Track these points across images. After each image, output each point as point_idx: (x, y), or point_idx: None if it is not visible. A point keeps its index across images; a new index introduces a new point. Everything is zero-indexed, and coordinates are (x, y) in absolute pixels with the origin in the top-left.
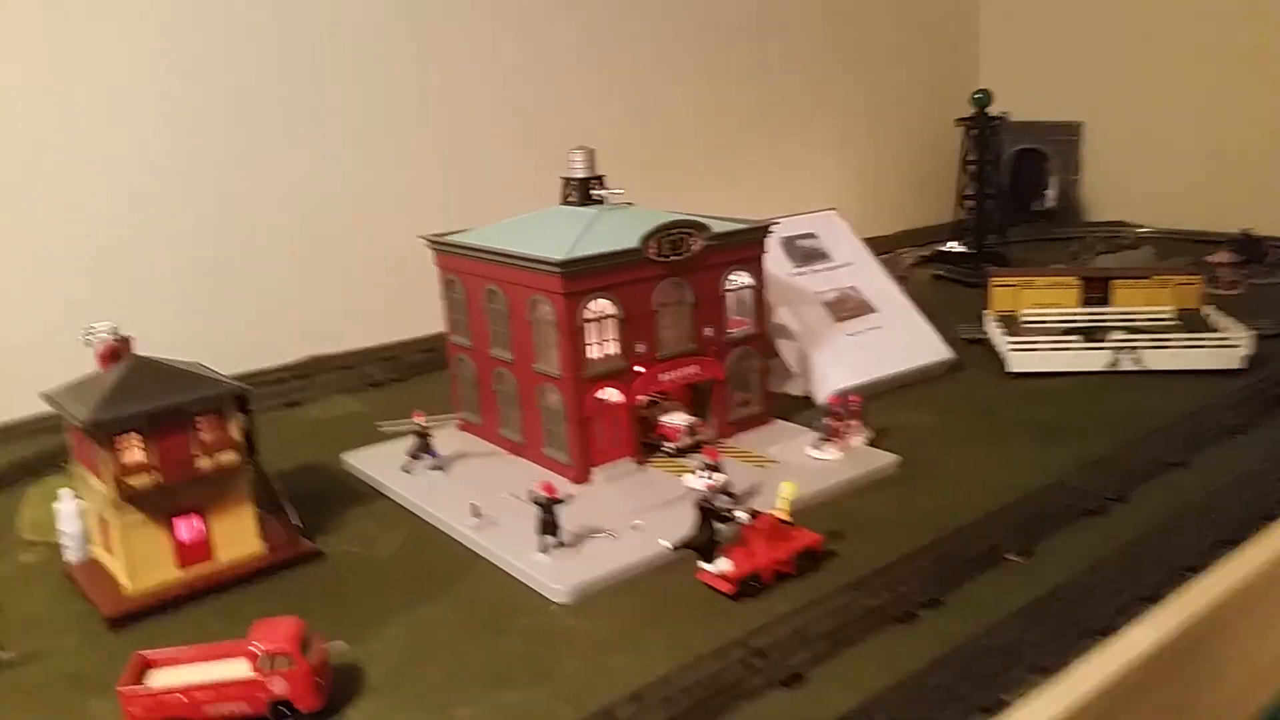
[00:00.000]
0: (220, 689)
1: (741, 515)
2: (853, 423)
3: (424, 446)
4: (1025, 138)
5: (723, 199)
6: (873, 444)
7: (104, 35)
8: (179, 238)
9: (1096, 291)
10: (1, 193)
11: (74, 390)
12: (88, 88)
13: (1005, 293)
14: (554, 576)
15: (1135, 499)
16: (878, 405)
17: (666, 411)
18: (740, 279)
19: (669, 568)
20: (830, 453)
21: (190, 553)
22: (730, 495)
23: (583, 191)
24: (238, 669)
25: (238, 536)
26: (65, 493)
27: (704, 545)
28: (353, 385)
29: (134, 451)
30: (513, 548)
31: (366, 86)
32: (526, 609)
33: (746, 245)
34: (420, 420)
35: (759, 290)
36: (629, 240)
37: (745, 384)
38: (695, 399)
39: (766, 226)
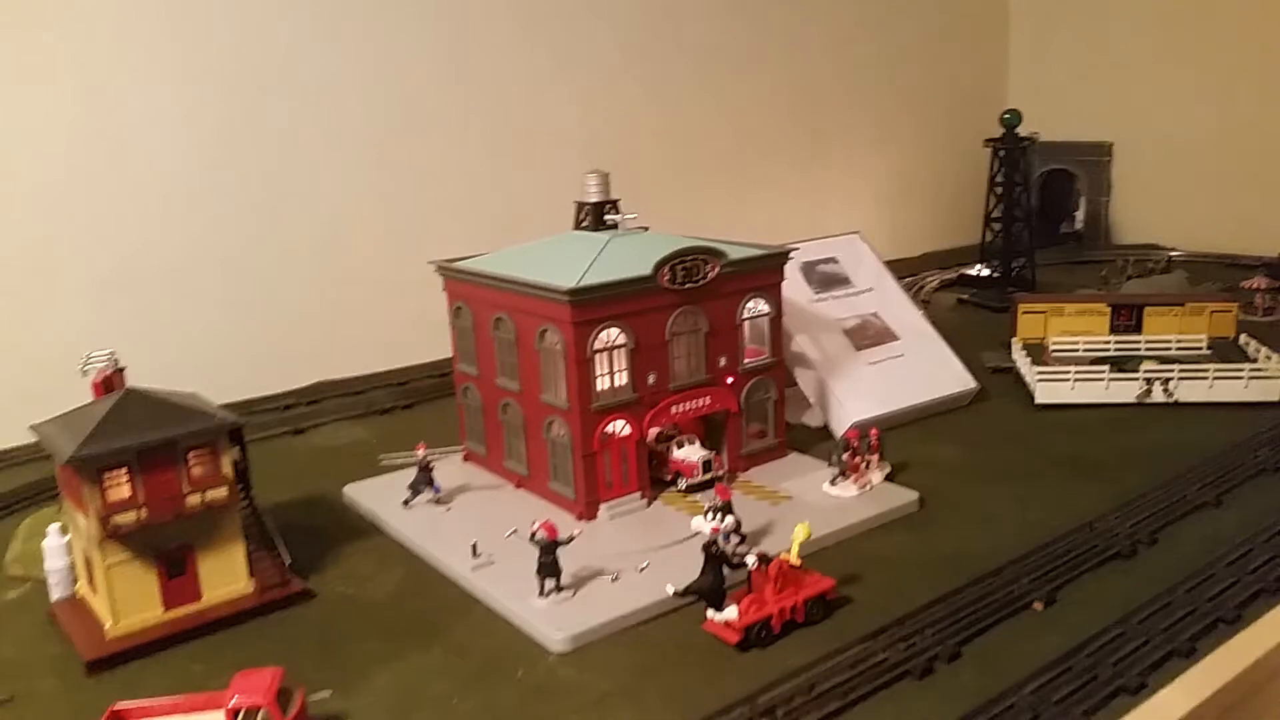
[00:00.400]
0: None
1: (750, 560)
2: (872, 458)
3: (425, 479)
4: (1054, 158)
5: (746, 223)
6: (892, 479)
7: (122, 61)
8: (188, 263)
9: (1127, 319)
10: (10, 216)
11: (63, 422)
12: (104, 113)
13: (1033, 319)
14: (552, 624)
15: (1166, 541)
16: (899, 437)
17: (681, 445)
18: (757, 306)
19: (675, 614)
20: (847, 489)
21: (176, 593)
22: (740, 536)
23: (596, 216)
24: None
25: (227, 575)
26: (53, 528)
27: (710, 592)
28: (360, 411)
29: (121, 488)
30: (512, 591)
31: (382, 111)
32: (523, 658)
33: (764, 271)
34: (421, 452)
35: (776, 318)
36: (642, 267)
37: (761, 416)
38: (709, 431)
39: (785, 252)
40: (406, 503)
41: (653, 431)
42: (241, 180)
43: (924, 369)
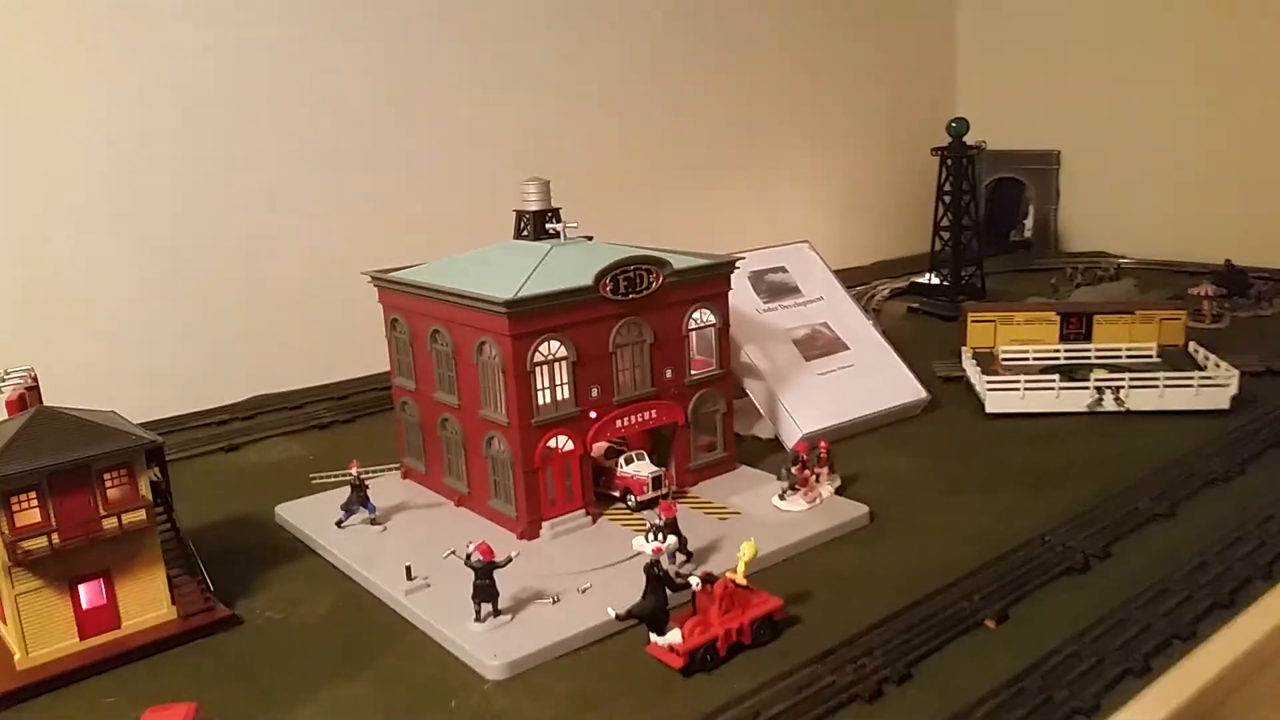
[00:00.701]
0: None
1: (694, 581)
2: (821, 470)
3: (359, 499)
4: (1002, 166)
5: (694, 231)
6: (843, 493)
7: (47, 65)
8: (115, 276)
9: (1077, 327)
10: None
11: None
12: (24, 122)
13: (982, 328)
14: (488, 650)
15: (1120, 554)
16: (850, 449)
17: (630, 461)
18: (703, 317)
19: (618, 637)
20: (797, 504)
21: (93, 621)
22: (687, 554)
23: (537, 225)
24: None
25: (147, 602)
26: None
27: (652, 615)
28: (298, 426)
29: (30, 512)
30: (447, 616)
31: (314, 116)
32: (457, 687)
33: (710, 281)
34: (355, 470)
35: (723, 329)
36: (583, 278)
37: (709, 428)
38: (656, 445)
39: (731, 261)
40: (340, 523)
41: (600, 446)
42: (171, 191)
43: (875, 379)
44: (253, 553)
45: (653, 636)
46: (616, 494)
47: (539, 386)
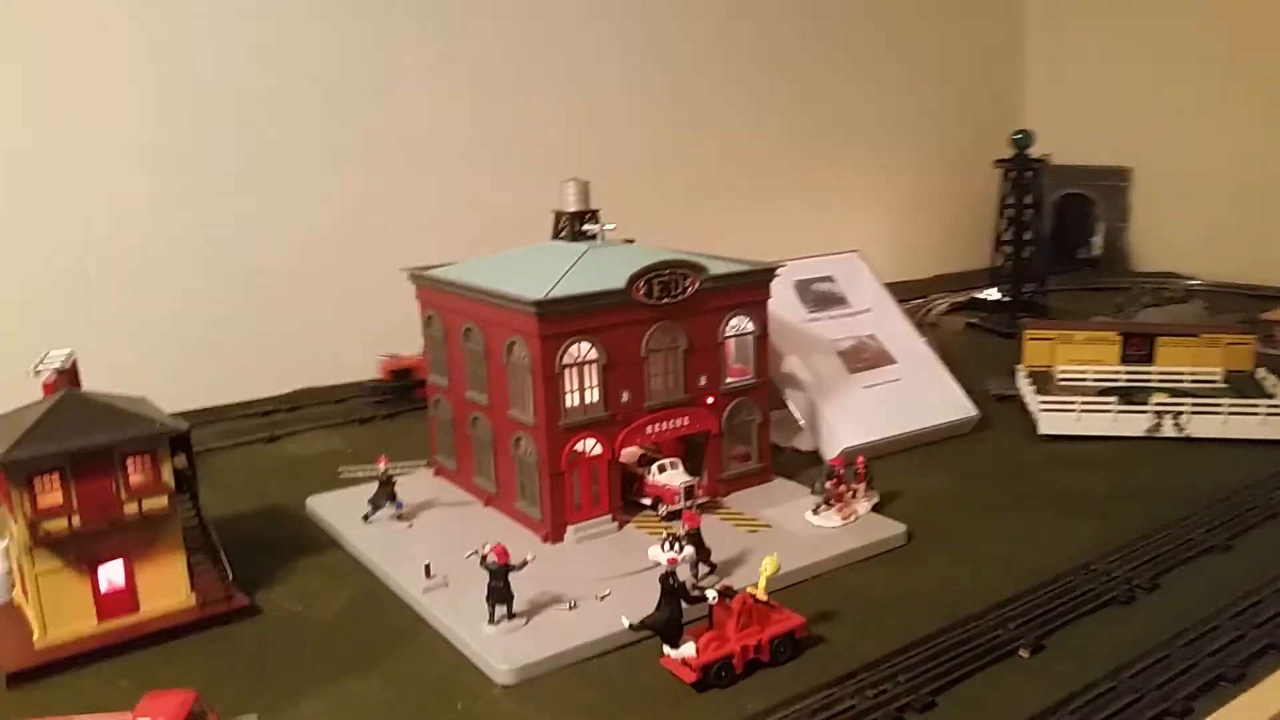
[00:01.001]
0: None
1: (710, 594)
2: (858, 486)
3: (387, 494)
4: (1071, 182)
5: (744, 239)
6: (880, 510)
7: (102, 59)
8: (168, 267)
9: (1139, 348)
10: None
11: (1, 424)
12: (84, 111)
13: (1040, 346)
14: (499, 654)
15: (1168, 587)
16: (892, 465)
17: (663, 469)
18: (741, 324)
19: (633, 648)
20: (830, 520)
21: (111, 604)
22: (711, 566)
23: (574, 226)
24: None
25: (166, 587)
26: None
27: (665, 627)
28: (339, 420)
29: (52, 494)
30: (462, 616)
31: (366, 114)
32: (465, 689)
33: (749, 288)
34: (383, 466)
35: (762, 337)
36: (617, 280)
37: (744, 438)
38: (689, 453)
39: (772, 268)
40: (366, 518)
41: (633, 452)
42: (225, 185)
43: (921, 394)
44: (280, 544)
45: (666, 649)
46: (647, 502)
47: (568, 389)
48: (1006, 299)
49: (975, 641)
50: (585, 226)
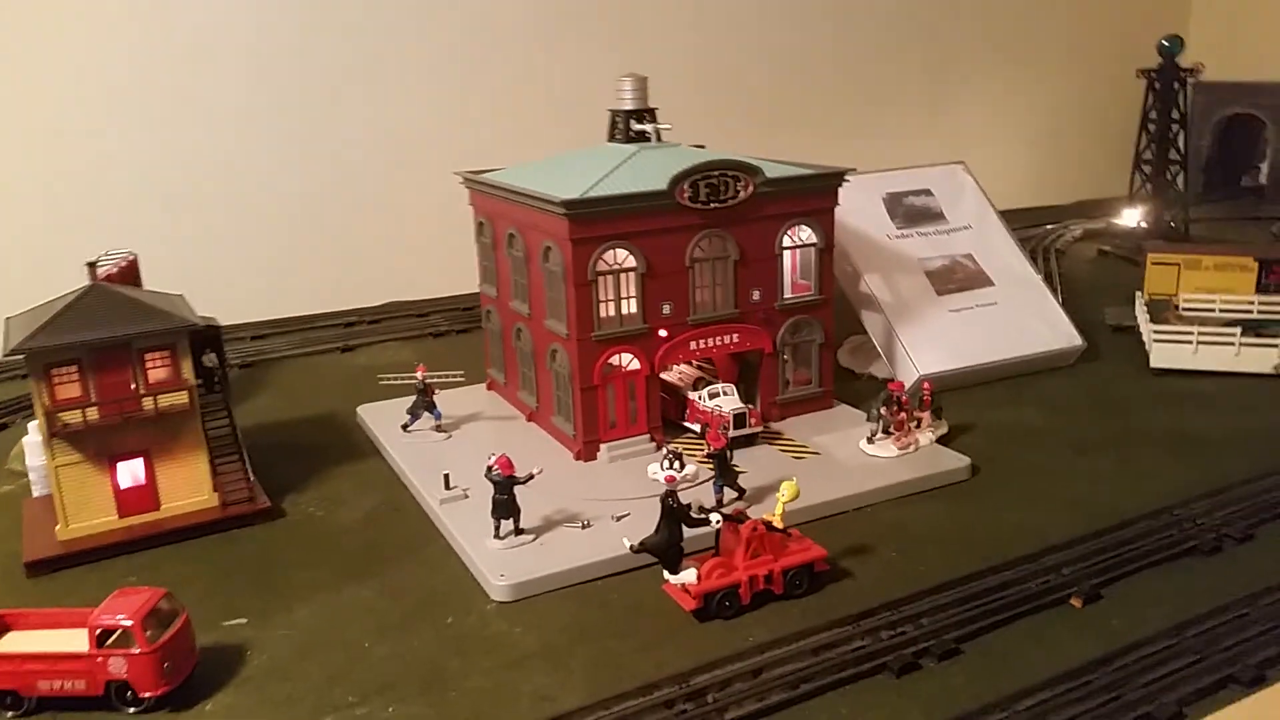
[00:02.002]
0: (55, 663)
1: (715, 518)
2: (922, 415)
3: (425, 404)
4: (1239, 100)
5: (856, 156)
6: (947, 442)
7: None
8: (264, 179)
9: (1277, 278)
10: (89, 123)
11: (30, 315)
12: (180, 32)
13: (1163, 272)
14: (498, 569)
15: (1264, 539)
16: (975, 396)
17: (715, 395)
18: (801, 235)
19: (640, 571)
20: (886, 449)
21: (132, 500)
22: (740, 490)
23: (628, 126)
24: (79, 642)
25: (188, 486)
26: (33, 425)
27: (664, 550)
28: (416, 333)
29: (70, 385)
30: (472, 530)
31: (446, 29)
32: (459, 604)
33: (813, 195)
34: (420, 375)
35: (826, 250)
36: (663, 183)
37: (804, 359)
38: (744, 373)
39: (840, 173)
40: (405, 427)
41: (688, 374)
42: (316, 100)
43: (1019, 321)
44: (323, 450)
45: (666, 574)
46: (695, 428)
47: (602, 298)
48: (1145, 225)
49: (1021, 585)
50: (638, 126)
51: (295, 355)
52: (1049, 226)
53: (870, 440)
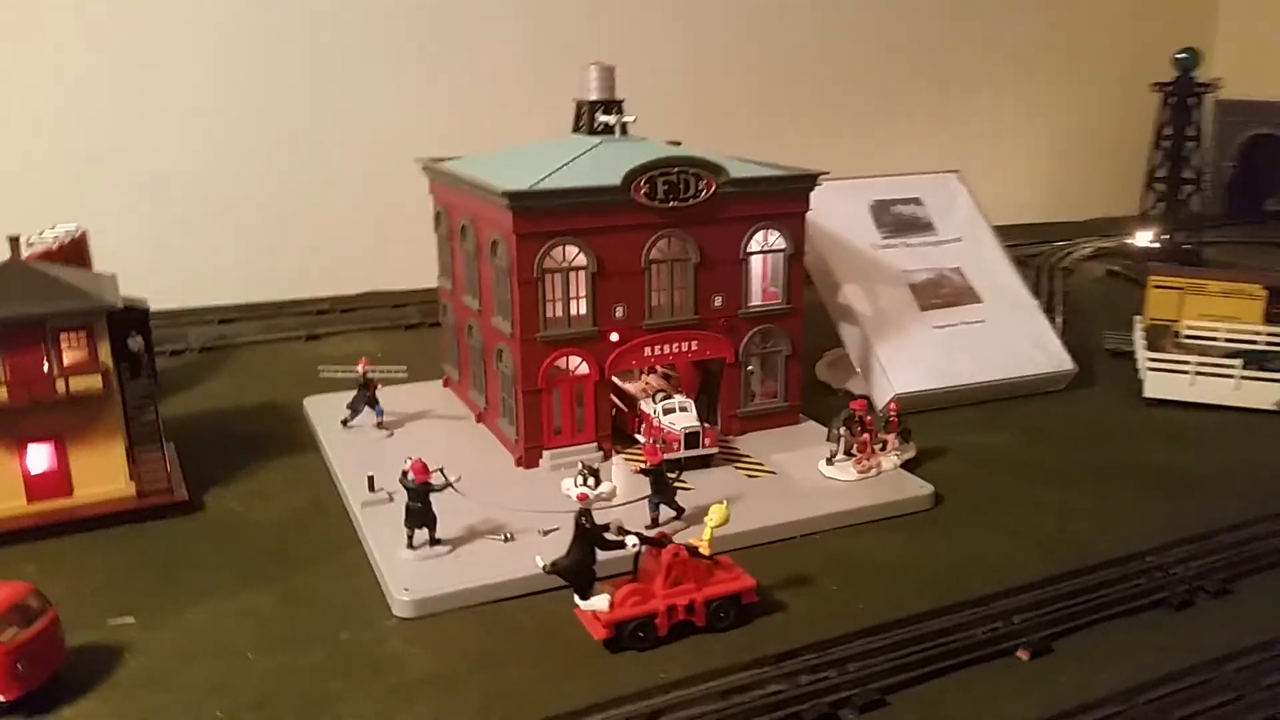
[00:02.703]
0: None
1: (630, 540)
2: (888, 437)
3: (366, 399)
4: (1265, 120)
5: (856, 168)
6: (914, 467)
7: None
8: (245, 163)
9: None
10: (69, 111)
11: None
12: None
13: (1165, 297)
14: (403, 583)
15: (1242, 594)
16: (952, 419)
17: (670, 411)
18: (769, 240)
19: (558, 592)
20: (846, 472)
21: (42, 485)
22: (677, 510)
23: (591, 117)
24: None
25: (102, 474)
26: None
27: (575, 573)
28: (385, 325)
29: None
30: (387, 538)
31: (442, 6)
32: (359, 618)
33: (782, 198)
34: (361, 368)
35: (795, 256)
36: (618, 177)
37: (770, 371)
38: (706, 384)
39: (812, 175)
40: (345, 423)
41: (650, 384)
42: (301, 86)
43: (1007, 341)
44: (260, 441)
45: (577, 599)
46: (644, 440)
47: (550, 297)
48: (1155, 245)
49: (966, 632)
50: (602, 118)
51: (260, 342)
52: (1059, 244)
53: (829, 461)
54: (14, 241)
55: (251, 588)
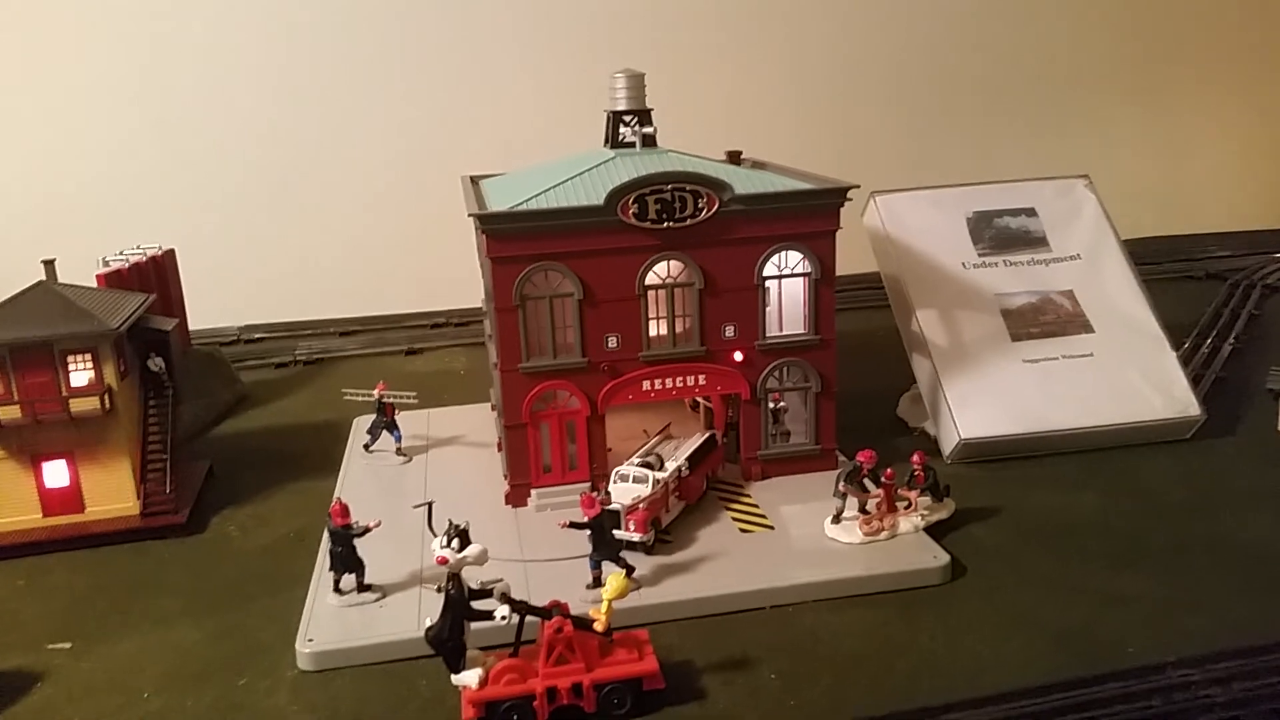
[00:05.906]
0: None
1: (500, 612)
2: (911, 494)
3: (385, 423)
4: None
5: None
6: (943, 531)
7: None
8: (358, 177)
9: None
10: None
11: None
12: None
13: None
14: (312, 631)
15: None
16: (1030, 471)
17: (625, 478)
18: (789, 262)
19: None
20: (850, 533)
21: (56, 501)
22: (626, 567)
23: (614, 129)
24: None
25: (111, 491)
26: None
27: (439, 644)
28: (478, 340)
29: None
30: (329, 578)
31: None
32: (267, 663)
33: (804, 215)
34: (378, 392)
35: (823, 281)
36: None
37: (797, 410)
38: (735, 422)
39: (841, 190)
40: (367, 447)
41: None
42: (413, 105)
43: (1117, 379)
44: (295, 460)
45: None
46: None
47: (531, 326)
48: None
49: None
50: (625, 130)
51: (360, 355)
52: (1259, 255)
53: (836, 520)
54: (48, 265)
55: (191, 620)
